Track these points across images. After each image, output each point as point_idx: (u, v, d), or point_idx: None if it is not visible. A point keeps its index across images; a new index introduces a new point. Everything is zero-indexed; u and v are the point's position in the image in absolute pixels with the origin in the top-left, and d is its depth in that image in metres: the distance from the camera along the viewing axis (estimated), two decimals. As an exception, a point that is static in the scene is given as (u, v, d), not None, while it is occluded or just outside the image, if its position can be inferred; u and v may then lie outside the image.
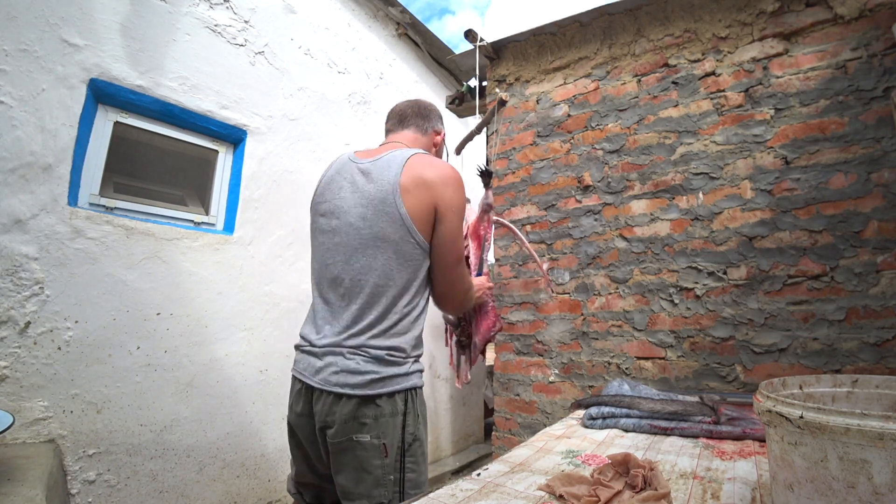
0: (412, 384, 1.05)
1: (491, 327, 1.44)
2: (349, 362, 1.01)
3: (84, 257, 1.72)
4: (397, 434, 1.00)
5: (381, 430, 0.98)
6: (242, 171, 2.31)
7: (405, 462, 1.01)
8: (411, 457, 1.02)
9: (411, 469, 1.01)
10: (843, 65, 1.72)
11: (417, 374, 1.08)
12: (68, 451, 1.61)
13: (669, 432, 1.31)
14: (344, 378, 1.00)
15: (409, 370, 1.04)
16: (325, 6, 2.88)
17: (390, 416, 1.00)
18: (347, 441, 0.99)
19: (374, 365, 1.01)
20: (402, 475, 1.00)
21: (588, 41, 2.33)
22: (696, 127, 1.99)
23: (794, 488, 0.59)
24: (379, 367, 1.01)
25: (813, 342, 1.67)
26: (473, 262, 1.48)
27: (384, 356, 1.02)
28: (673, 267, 1.97)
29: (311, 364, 1.06)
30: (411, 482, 1.01)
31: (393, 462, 0.99)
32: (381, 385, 1.00)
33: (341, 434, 0.99)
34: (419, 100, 1.34)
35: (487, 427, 3.87)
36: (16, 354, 1.53)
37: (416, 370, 1.07)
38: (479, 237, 1.50)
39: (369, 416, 0.98)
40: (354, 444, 0.98)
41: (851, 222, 1.65)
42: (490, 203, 1.54)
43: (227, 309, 2.14)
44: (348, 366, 1.00)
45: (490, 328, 1.44)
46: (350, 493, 1.00)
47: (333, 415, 1.00)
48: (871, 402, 0.77)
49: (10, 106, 1.59)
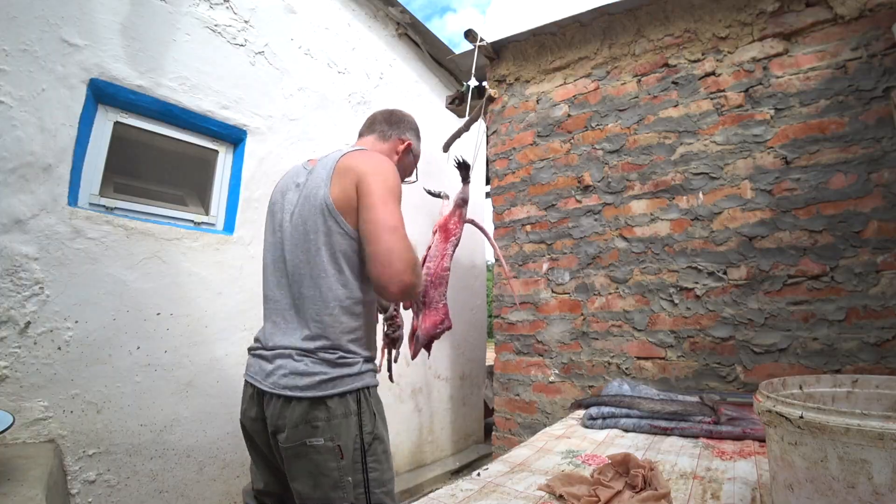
0: (364, 384, 1.02)
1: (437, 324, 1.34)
2: (298, 364, 0.99)
3: (84, 257, 1.72)
4: (353, 434, 0.98)
5: (334, 433, 0.96)
6: (242, 171, 2.31)
7: (367, 462, 0.99)
8: (372, 455, 1.00)
9: (374, 468, 0.99)
10: (843, 65, 1.72)
11: (370, 373, 1.06)
12: (68, 451, 1.61)
13: (669, 432, 1.31)
14: (293, 380, 0.98)
15: (360, 370, 1.02)
16: (325, 6, 2.87)
17: (343, 416, 0.98)
18: (300, 446, 0.97)
19: (323, 366, 0.99)
20: (366, 476, 0.98)
21: (588, 41, 2.33)
22: (696, 127, 1.99)
23: (794, 488, 0.59)
24: (328, 369, 0.99)
25: (813, 342, 1.67)
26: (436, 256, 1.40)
27: (333, 358, 1.00)
28: (673, 267, 1.97)
29: (261, 368, 1.05)
30: (376, 481, 0.99)
31: (350, 463, 0.97)
32: (331, 386, 0.98)
33: (293, 439, 0.97)
34: (397, 110, 1.32)
35: (487, 427, 3.87)
36: (16, 354, 1.53)
37: (367, 370, 1.05)
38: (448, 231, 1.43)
39: (321, 419, 0.96)
40: (308, 449, 0.96)
41: (851, 222, 1.65)
42: (465, 198, 1.47)
43: (227, 309, 2.14)
44: (297, 368, 0.99)
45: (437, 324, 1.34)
46: (308, 498, 0.98)
47: (284, 419, 0.98)
48: (871, 402, 0.77)
49: (10, 106, 1.59)
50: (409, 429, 3.08)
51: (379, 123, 1.27)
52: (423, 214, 3.29)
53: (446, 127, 3.65)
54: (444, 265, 1.38)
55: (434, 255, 1.39)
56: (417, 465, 3.10)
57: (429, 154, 3.31)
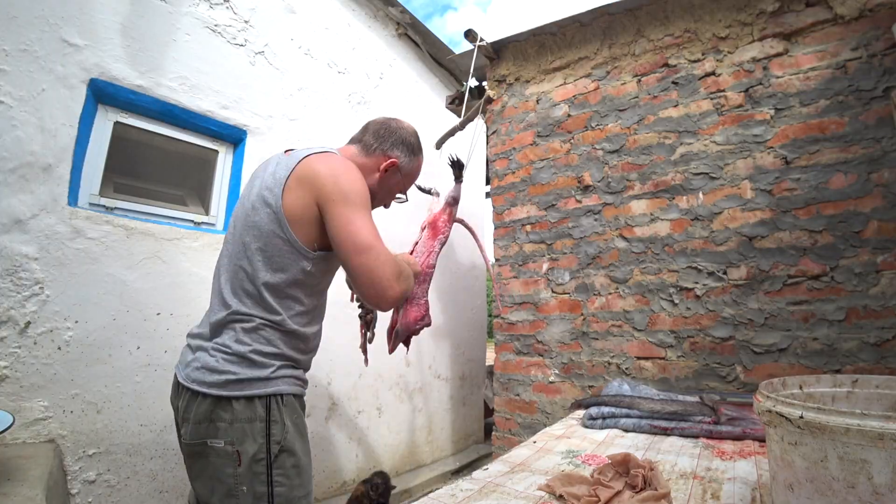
0: (275, 390, 0.96)
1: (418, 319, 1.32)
2: (210, 359, 0.96)
3: (84, 257, 1.72)
4: (256, 442, 0.92)
5: (235, 436, 0.92)
6: (242, 170, 2.31)
7: (272, 475, 0.93)
8: (279, 469, 0.94)
9: (280, 483, 0.93)
10: (843, 65, 1.72)
11: (287, 379, 0.99)
12: (68, 451, 1.61)
13: (669, 432, 1.31)
14: (202, 375, 0.95)
15: (271, 374, 0.96)
16: (325, 6, 2.87)
17: (247, 421, 0.93)
18: (201, 445, 0.94)
19: (234, 365, 0.94)
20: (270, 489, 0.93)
21: (588, 41, 2.33)
22: (696, 127, 1.99)
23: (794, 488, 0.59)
24: (238, 368, 0.94)
25: (813, 342, 1.67)
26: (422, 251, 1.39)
27: (246, 356, 0.95)
28: (673, 267, 1.97)
29: (184, 357, 1.03)
30: (282, 497, 0.93)
31: (247, 472, 0.91)
32: (237, 387, 0.93)
33: (195, 436, 0.94)
34: (393, 121, 1.21)
35: (487, 427, 3.87)
36: (16, 354, 1.53)
37: (283, 375, 0.99)
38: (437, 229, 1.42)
39: (224, 420, 0.92)
40: (208, 450, 0.93)
41: (851, 222, 1.65)
42: (456, 197, 1.46)
43: (227, 309, 2.14)
44: (208, 363, 0.95)
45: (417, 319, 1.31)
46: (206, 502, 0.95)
47: (189, 413, 0.95)
48: (871, 402, 0.77)
49: (10, 106, 1.59)
50: (408, 429, 3.08)
51: (369, 134, 1.18)
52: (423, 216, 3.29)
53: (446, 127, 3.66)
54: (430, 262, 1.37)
55: (420, 251, 1.39)
56: (417, 465, 3.10)
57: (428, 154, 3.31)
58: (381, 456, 2.83)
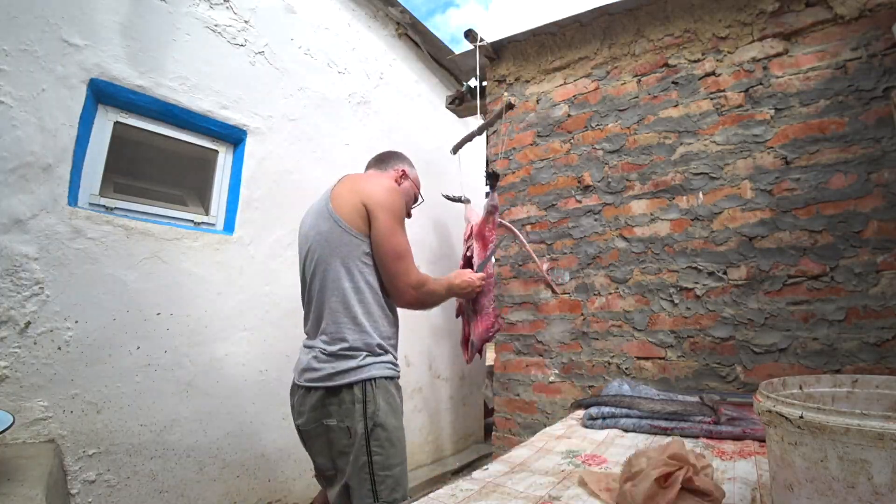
0: (368, 375, 1.15)
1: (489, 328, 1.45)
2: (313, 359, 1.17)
3: (84, 257, 1.72)
4: (359, 419, 1.11)
5: (344, 415, 1.12)
6: (242, 171, 2.31)
7: (370, 445, 1.11)
8: (375, 440, 1.12)
9: (377, 452, 1.11)
10: (843, 65, 1.72)
11: (379, 365, 1.18)
12: (68, 451, 1.61)
13: (669, 432, 1.31)
14: (311, 374, 1.16)
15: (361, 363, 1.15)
16: (325, 6, 2.87)
17: (350, 403, 1.12)
18: (318, 426, 1.15)
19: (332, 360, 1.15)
20: (370, 458, 1.10)
21: (588, 41, 2.33)
22: (696, 127, 1.99)
23: (794, 488, 0.59)
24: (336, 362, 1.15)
25: (813, 342, 1.67)
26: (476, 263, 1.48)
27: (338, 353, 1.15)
28: (673, 267, 1.97)
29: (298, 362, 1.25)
30: (379, 465, 1.11)
31: (358, 443, 1.10)
32: (339, 377, 1.14)
33: (313, 421, 1.16)
34: (389, 150, 1.57)
35: (487, 427, 3.86)
36: (16, 354, 1.53)
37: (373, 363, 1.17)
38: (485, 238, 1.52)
39: (334, 404, 1.13)
40: (325, 428, 1.14)
41: (851, 222, 1.65)
42: (495, 205, 1.57)
43: (227, 309, 2.14)
44: (312, 362, 1.17)
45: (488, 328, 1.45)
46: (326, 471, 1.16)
47: (304, 406, 1.17)
48: (871, 402, 0.77)
49: (10, 106, 1.59)
50: (409, 428, 3.06)
51: (374, 163, 1.50)
52: (424, 215, 3.29)
53: (445, 127, 3.66)
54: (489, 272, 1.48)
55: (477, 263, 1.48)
56: (417, 464, 3.10)
57: (429, 155, 3.31)
58: (381, 456, 2.83)
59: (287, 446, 2.28)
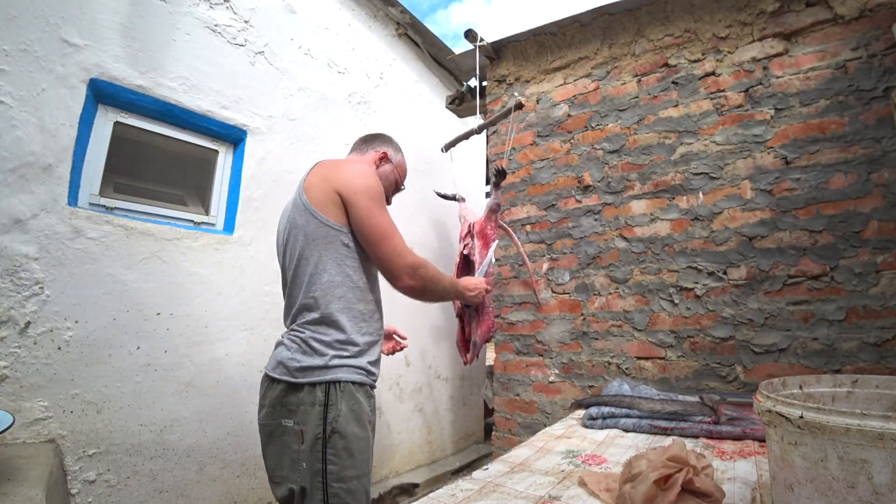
0: (333, 377, 1.06)
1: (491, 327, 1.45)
2: (284, 350, 1.11)
3: (84, 257, 1.72)
4: (317, 424, 1.03)
5: (300, 417, 1.04)
6: (242, 171, 2.31)
7: (326, 453, 1.02)
8: (331, 448, 1.02)
9: (332, 461, 1.02)
10: (843, 65, 1.72)
11: (346, 368, 1.08)
12: (68, 451, 1.61)
13: (669, 432, 1.31)
14: (276, 364, 1.10)
15: (328, 363, 1.06)
16: (325, 6, 2.87)
17: (309, 405, 1.04)
18: (276, 425, 1.07)
19: (299, 353, 1.07)
20: (324, 466, 1.02)
21: (588, 41, 2.33)
22: (696, 127, 1.99)
23: (794, 488, 0.59)
24: (301, 357, 1.07)
25: (813, 342, 1.67)
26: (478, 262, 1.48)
27: (307, 344, 1.07)
28: (673, 267, 1.97)
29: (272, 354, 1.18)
30: (333, 475, 1.02)
31: (308, 450, 1.02)
32: (302, 374, 1.06)
33: (270, 417, 1.09)
34: (372, 132, 1.48)
35: (487, 427, 3.86)
36: (16, 354, 1.53)
37: (341, 364, 1.08)
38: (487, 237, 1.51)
39: (293, 403, 1.05)
40: (283, 429, 1.06)
41: (851, 222, 1.65)
42: (498, 203, 1.55)
43: (227, 309, 2.14)
44: (281, 353, 1.10)
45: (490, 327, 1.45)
46: (273, 475, 1.09)
47: (266, 398, 1.11)
48: (871, 402, 0.77)
49: (10, 106, 1.59)
50: (409, 429, 3.08)
51: (358, 144, 1.43)
52: (424, 215, 3.29)
53: (445, 127, 3.66)
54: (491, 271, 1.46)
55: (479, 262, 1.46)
56: (417, 465, 3.10)
57: (428, 154, 3.31)
58: (381, 456, 2.83)
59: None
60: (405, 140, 3.35)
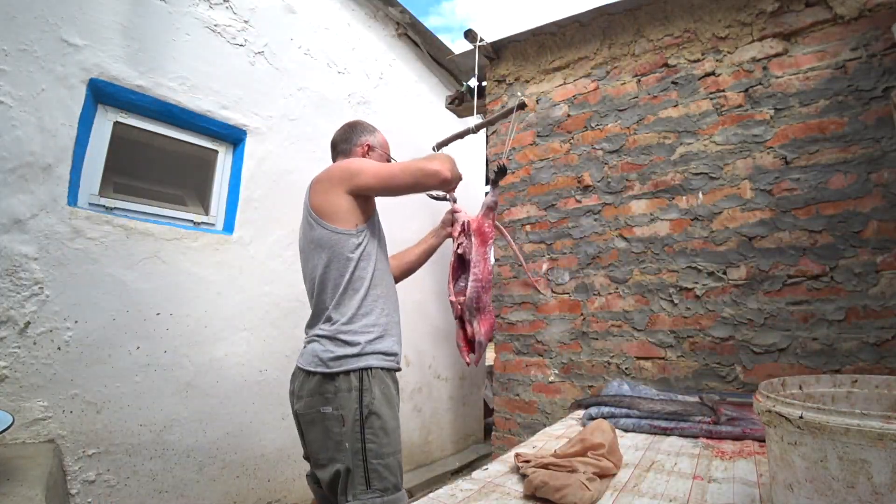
0: (366, 364, 1.17)
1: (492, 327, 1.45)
2: (317, 345, 1.19)
3: (84, 257, 1.71)
4: (353, 407, 1.13)
5: (339, 403, 1.13)
6: (242, 171, 2.31)
7: (364, 433, 1.12)
8: (370, 428, 1.12)
9: (370, 440, 1.12)
10: (843, 65, 1.72)
11: (375, 355, 1.19)
12: (68, 451, 1.61)
13: (669, 432, 1.31)
14: (311, 358, 1.18)
15: (361, 351, 1.17)
16: (325, 6, 2.87)
17: (346, 391, 1.13)
18: (315, 413, 1.15)
19: (332, 346, 1.17)
20: (363, 445, 1.11)
21: (588, 41, 2.33)
22: (695, 127, 1.99)
23: (794, 488, 0.59)
24: (335, 348, 1.16)
25: (813, 342, 1.67)
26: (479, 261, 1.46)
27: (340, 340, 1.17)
28: (673, 267, 1.97)
29: (301, 351, 1.26)
30: (372, 452, 1.11)
31: (350, 431, 1.11)
32: (337, 363, 1.15)
33: (309, 406, 1.17)
34: (346, 124, 1.50)
35: (487, 427, 3.86)
36: (15, 354, 1.53)
37: (372, 351, 1.19)
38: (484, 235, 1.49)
39: (330, 391, 1.14)
40: (321, 416, 1.15)
41: (851, 222, 1.65)
42: (496, 201, 1.54)
43: (226, 309, 2.14)
44: (315, 348, 1.19)
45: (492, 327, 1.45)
46: (318, 459, 1.17)
47: (303, 390, 1.18)
48: (871, 402, 0.77)
49: (10, 106, 1.59)
50: (409, 429, 3.08)
51: (339, 145, 1.46)
52: (426, 215, 3.29)
53: (445, 127, 3.65)
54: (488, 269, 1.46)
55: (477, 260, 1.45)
56: (417, 464, 3.10)
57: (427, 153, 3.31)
58: (380, 456, 2.83)
59: (287, 446, 2.28)
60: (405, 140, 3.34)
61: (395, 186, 1.23)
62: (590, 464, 0.90)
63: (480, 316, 1.41)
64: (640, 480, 0.95)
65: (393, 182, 1.22)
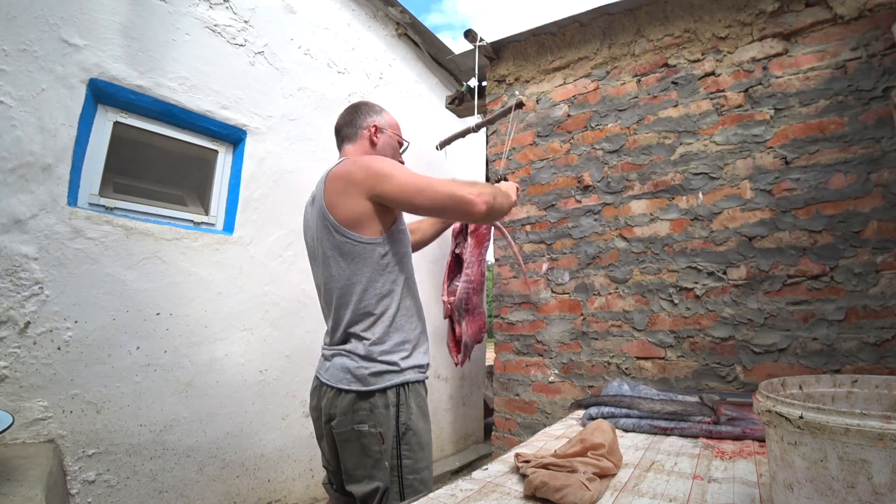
0: (403, 380, 1.13)
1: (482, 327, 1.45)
2: (347, 360, 1.13)
3: (84, 257, 1.72)
4: (391, 424, 1.10)
5: (376, 420, 1.10)
6: (242, 171, 2.31)
7: (401, 449, 1.10)
8: (406, 445, 1.11)
9: (406, 456, 1.11)
10: (843, 65, 1.72)
11: (411, 370, 1.16)
12: (68, 451, 1.61)
13: (669, 432, 1.31)
14: (343, 375, 1.13)
15: (397, 369, 1.13)
16: (325, 6, 2.87)
17: (384, 408, 1.10)
18: (350, 431, 1.11)
19: (365, 362, 1.12)
20: (399, 461, 1.10)
21: (588, 41, 2.33)
22: (695, 127, 1.99)
23: (794, 488, 0.59)
24: (369, 364, 1.11)
25: (813, 342, 1.67)
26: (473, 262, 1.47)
27: (374, 359, 1.12)
28: (673, 267, 1.97)
29: (323, 364, 1.21)
30: (408, 468, 1.10)
31: (390, 448, 1.10)
32: (374, 381, 1.11)
33: (344, 424, 1.12)
34: (350, 107, 1.38)
35: (487, 427, 3.87)
36: (15, 354, 1.53)
37: (408, 366, 1.15)
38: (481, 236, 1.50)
39: (365, 409, 1.10)
40: (357, 433, 1.10)
41: (851, 222, 1.65)
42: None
43: (226, 309, 2.14)
44: (344, 364, 1.13)
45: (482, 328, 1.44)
46: (354, 475, 1.12)
47: (335, 408, 1.13)
48: (871, 402, 0.77)
49: (10, 106, 1.59)
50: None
51: (344, 129, 1.35)
52: (423, 214, 3.29)
53: (445, 127, 3.65)
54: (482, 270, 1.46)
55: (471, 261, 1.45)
56: (417, 465, 3.11)
57: (428, 154, 3.31)
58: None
59: (286, 446, 2.28)
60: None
61: (418, 206, 1.13)
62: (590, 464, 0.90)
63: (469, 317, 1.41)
64: (640, 480, 0.95)
65: (416, 199, 1.11)
